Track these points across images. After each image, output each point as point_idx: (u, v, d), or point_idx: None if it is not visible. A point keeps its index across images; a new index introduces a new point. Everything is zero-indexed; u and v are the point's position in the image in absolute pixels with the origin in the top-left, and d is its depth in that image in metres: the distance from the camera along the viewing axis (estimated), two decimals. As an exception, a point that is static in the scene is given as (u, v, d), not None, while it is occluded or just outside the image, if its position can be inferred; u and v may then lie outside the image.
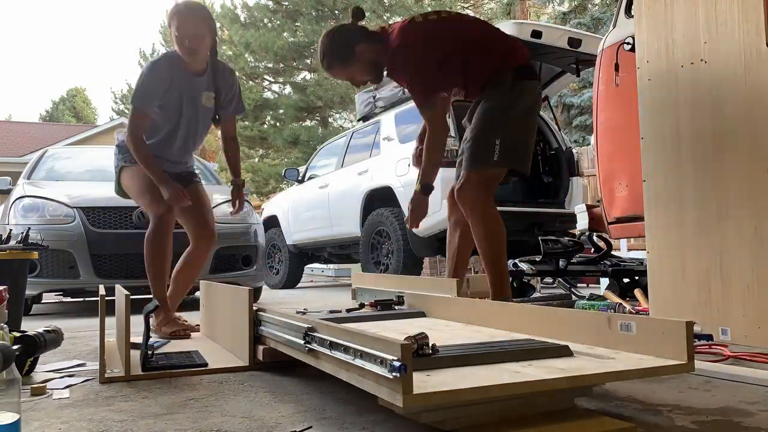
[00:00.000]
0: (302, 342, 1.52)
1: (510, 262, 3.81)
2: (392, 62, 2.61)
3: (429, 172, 2.64)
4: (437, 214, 5.17)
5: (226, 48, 22.01)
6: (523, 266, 3.93)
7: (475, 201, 2.55)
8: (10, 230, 3.24)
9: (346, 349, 1.27)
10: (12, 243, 2.99)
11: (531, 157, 2.66)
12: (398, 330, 1.88)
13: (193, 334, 2.76)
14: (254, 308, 2.00)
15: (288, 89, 21.49)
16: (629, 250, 5.92)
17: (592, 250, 4.19)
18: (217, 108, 2.91)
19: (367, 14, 17.40)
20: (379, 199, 5.94)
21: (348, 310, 2.37)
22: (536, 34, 4.89)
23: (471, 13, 18.34)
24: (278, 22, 19.80)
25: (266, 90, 22.02)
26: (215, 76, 2.86)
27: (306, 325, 1.53)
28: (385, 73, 2.71)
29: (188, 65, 2.76)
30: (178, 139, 2.88)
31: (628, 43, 3.33)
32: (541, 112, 6.08)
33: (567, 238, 4.10)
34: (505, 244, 2.56)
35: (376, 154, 6.23)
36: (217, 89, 2.88)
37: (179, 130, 2.86)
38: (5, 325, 1.62)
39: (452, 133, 5.20)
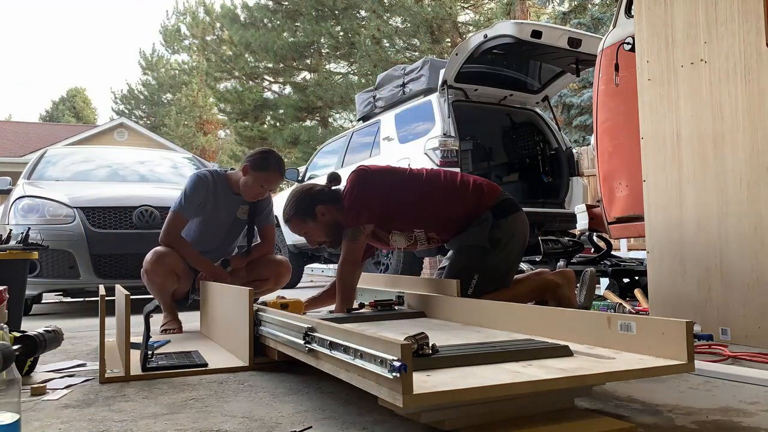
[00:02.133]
0: (302, 342, 1.52)
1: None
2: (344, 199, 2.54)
3: (343, 307, 2.45)
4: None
5: (226, 48, 22.02)
6: (523, 266, 3.94)
7: None
8: (10, 230, 3.24)
9: (346, 349, 1.27)
10: (12, 243, 2.99)
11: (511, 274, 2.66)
12: (398, 330, 1.88)
13: (193, 334, 2.77)
14: (254, 308, 2.00)
15: (288, 89, 21.49)
16: (629, 250, 5.93)
17: (592, 250, 4.19)
18: (250, 219, 3.17)
19: (366, 14, 17.21)
20: (379, 199, 5.92)
21: (348, 310, 2.37)
22: (536, 34, 4.89)
23: (471, 14, 18.34)
24: (278, 22, 19.80)
25: (266, 90, 22.03)
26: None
27: (306, 325, 1.53)
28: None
29: (234, 186, 3.05)
30: (215, 244, 3.14)
31: (628, 43, 3.33)
32: (541, 112, 6.09)
33: (567, 238, 4.10)
34: None
35: (376, 154, 6.22)
36: (253, 204, 3.13)
37: (218, 237, 3.14)
38: (5, 325, 1.62)
39: (452, 133, 5.20)
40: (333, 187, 2.62)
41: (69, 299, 5.97)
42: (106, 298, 1.92)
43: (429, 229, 2.57)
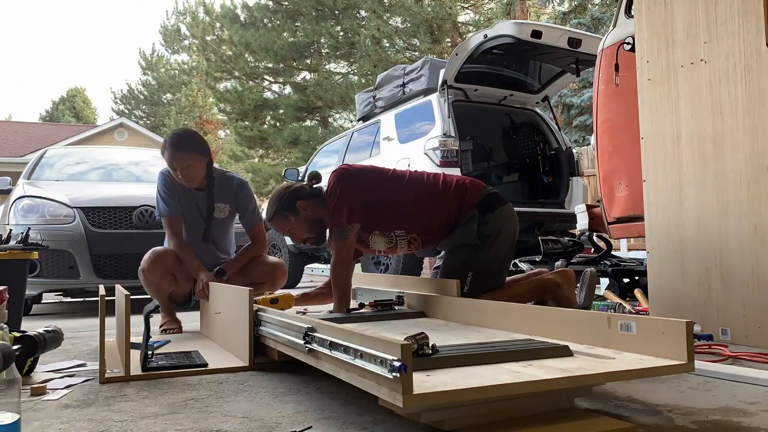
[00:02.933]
0: (302, 342, 1.52)
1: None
2: (327, 198, 2.54)
3: (341, 308, 2.43)
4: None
5: (226, 48, 22.00)
6: (523, 266, 3.94)
7: None
8: (10, 230, 3.24)
9: (346, 350, 1.27)
10: (12, 243, 2.99)
11: (504, 273, 2.65)
12: (398, 330, 1.88)
13: (193, 334, 2.77)
14: (254, 308, 2.00)
15: (288, 89, 21.49)
16: (629, 250, 5.93)
17: (592, 250, 4.19)
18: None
19: (366, 14, 17.17)
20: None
21: (348, 310, 2.37)
22: (536, 34, 4.89)
23: (471, 14, 18.33)
24: (278, 22, 19.79)
25: (266, 90, 22.03)
26: (219, 190, 3.07)
27: (306, 325, 1.53)
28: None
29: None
30: (198, 244, 3.08)
31: (628, 43, 3.33)
32: (541, 112, 6.09)
33: (567, 238, 4.10)
34: None
35: (376, 154, 6.23)
36: (228, 202, 3.09)
37: (197, 237, 3.08)
38: (5, 325, 1.62)
39: (452, 133, 5.20)
40: (314, 185, 2.62)
41: (69, 299, 5.97)
42: (106, 298, 1.92)
43: (410, 230, 2.55)
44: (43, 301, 5.94)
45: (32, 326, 2.14)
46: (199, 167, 2.96)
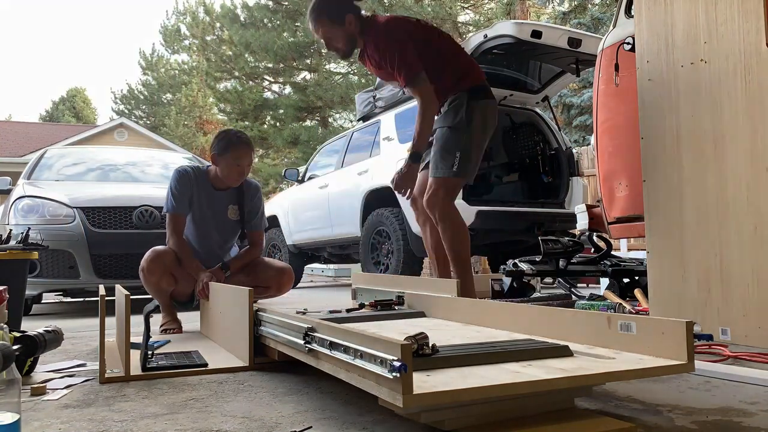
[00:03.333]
0: (302, 342, 1.52)
1: (510, 262, 3.82)
2: (376, 44, 2.79)
3: (420, 144, 2.79)
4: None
5: (226, 48, 22.02)
6: (523, 266, 3.93)
7: (442, 206, 2.84)
8: (10, 230, 3.24)
9: (346, 350, 1.27)
10: (12, 243, 2.99)
11: (477, 168, 2.95)
12: (398, 330, 1.88)
13: (193, 334, 2.78)
14: (254, 308, 2.00)
15: (288, 89, 21.50)
16: (629, 250, 5.91)
17: (592, 250, 4.19)
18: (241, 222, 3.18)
19: (367, 14, 17.40)
20: (379, 199, 5.93)
21: (348, 310, 2.37)
22: (536, 34, 4.89)
23: (471, 14, 18.34)
24: (278, 22, 19.81)
25: (266, 90, 22.04)
26: (240, 193, 3.12)
27: (306, 325, 1.53)
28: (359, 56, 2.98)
29: (215, 181, 3.05)
30: (205, 245, 3.11)
31: (628, 43, 3.32)
32: (541, 112, 6.09)
33: (567, 238, 4.09)
34: (468, 245, 2.88)
35: (376, 154, 6.23)
36: (241, 205, 3.13)
37: (206, 238, 3.10)
38: (5, 325, 1.62)
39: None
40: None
41: (69, 299, 5.97)
42: (106, 298, 1.92)
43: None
44: (43, 301, 5.94)
45: (32, 326, 2.14)
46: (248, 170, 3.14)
